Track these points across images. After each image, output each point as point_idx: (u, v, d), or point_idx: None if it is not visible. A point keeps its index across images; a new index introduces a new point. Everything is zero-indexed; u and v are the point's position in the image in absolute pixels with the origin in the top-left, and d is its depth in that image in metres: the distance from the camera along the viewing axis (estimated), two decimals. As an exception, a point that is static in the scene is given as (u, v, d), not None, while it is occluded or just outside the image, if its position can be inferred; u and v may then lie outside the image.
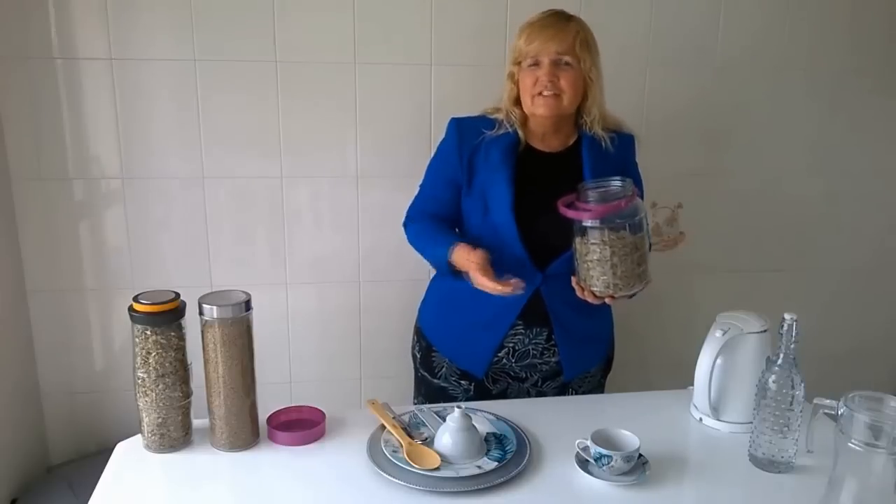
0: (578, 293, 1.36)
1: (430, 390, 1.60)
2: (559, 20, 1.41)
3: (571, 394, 1.58)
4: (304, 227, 1.97)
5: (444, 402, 1.56)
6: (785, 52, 2.08)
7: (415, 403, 1.67)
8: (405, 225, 1.58)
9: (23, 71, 1.76)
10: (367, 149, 1.94)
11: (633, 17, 1.97)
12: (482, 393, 1.55)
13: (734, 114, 2.10)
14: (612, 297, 1.33)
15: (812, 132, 2.16)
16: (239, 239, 1.95)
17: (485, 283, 1.33)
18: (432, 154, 1.56)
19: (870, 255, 2.31)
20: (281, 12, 1.82)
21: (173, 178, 1.88)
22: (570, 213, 1.31)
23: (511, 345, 1.50)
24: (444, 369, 1.57)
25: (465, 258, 1.37)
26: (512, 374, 1.54)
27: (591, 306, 1.39)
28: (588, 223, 1.29)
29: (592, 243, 1.30)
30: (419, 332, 1.63)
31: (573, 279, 1.37)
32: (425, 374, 1.61)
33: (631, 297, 1.38)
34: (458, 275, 1.42)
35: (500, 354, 1.51)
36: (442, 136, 1.53)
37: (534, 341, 1.50)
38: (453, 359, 1.56)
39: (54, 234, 1.87)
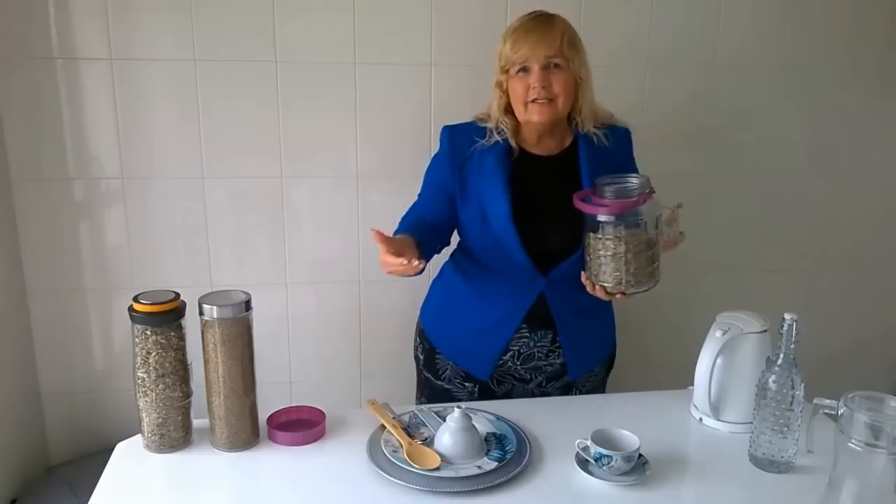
0: (589, 289, 1.36)
1: (434, 392, 1.59)
2: (543, 22, 1.37)
3: (575, 393, 1.57)
4: (304, 227, 1.97)
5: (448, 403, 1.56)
6: (785, 52, 2.08)
7: (417, 405, 1.67)
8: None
9: (23, 71, 1.76)
10: (367, 149, 1.94)
11: (632, 16, 1.97)
12: (486, 395, 1.54)
13: (734, 113, 2.10)
14: (622, 293, 1.33)
15: (812, 132, 2.16)
16: (239, 239, 1.95)
17: (386, 261, 1.24)
18: (430, 155, 1.56)
19: (869, 255, 2.31)
20: (281, 12, 1.82)
21: (173, 178, 1.88)
22: (587, 208, 1.31)
23: (516, 348, 1.49)
24: (447, 371, 1.56)
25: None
26: (517, 375, 1.53)
27: (594, 308, 1.38)
28: (603, 218, 1.29)
29: (607, 239, 1.29)
30: (422, 335, 1.62)
31: (583, 275, 1.36)
32: (429, 375, 1.60)
33: (642, 292, 1.38)
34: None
35: (504, 357, 1.50)
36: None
37: (539, 343, 1.49)
38: (457, 361, 1.55)
39: (54, 234, 1.87)
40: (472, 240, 1.50)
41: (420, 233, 1.40)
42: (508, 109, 1.43)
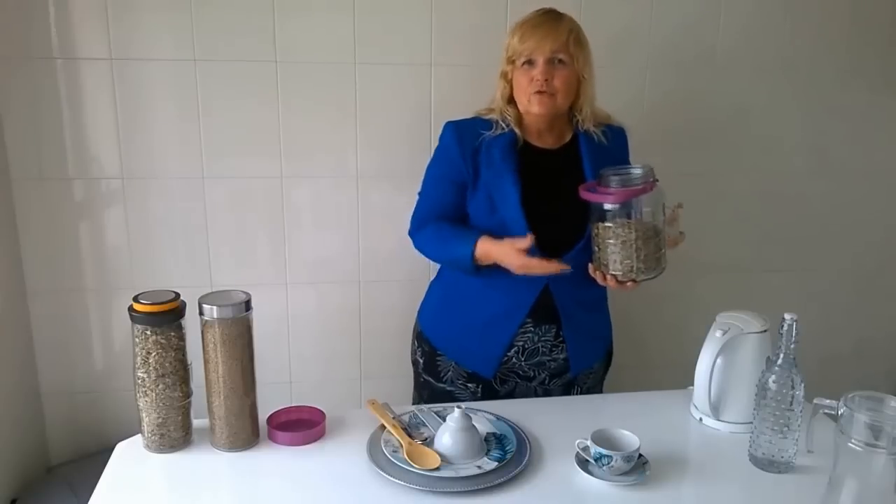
0: (599, 280, 1.37)
1: (435, 395, 1.59)
2: (552, 18, 1.42)
3: (576, 390, 1.58)
4: (304, 227, 1.97)
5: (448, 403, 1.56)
6: (785, 51, 2.07)
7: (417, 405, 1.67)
8: (411, 234, 1.57)
9: (23, 71, 1.76)
10: (366, 149, 1.94)
11: (633, 16, 1.97)
12: (490, 394, 1.54)
13: (734, 113, 2.10)
14: (633, 281, 1.34)
15: (812, 132, 2.16)
16: (239, 239, 1.95)
17: (533, 264, 1.33)
18: (431, 155, 1.56)
19: (870, 255, 2.31)
20: (281, 12, 1.82)
21: (173, 178, 1.88)
22: (595, 197, 1.32)
23: (521, 343, 1.50)
24: (450, 373, 1.56)
25: (504, 248, 1.36)
26: (520, 373, 1.53)
27: (595, 301, 1.40)
28: (611, 207, 1.31)
29: (617, 227, 1.31)
30: (420, 337, 1.62)
31: (591, 266, 1.38)
32: (429, 378, 1.60)
33: (650, 278, 1.39)
34: (480, 270, 1.42)
35: (509, 353, 1.50)
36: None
37: (543, 338, 1.50)
38: (460, 361, 1.55)
39: (54, 234, 1.87)
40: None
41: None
42: (511, 100, 1.46)
